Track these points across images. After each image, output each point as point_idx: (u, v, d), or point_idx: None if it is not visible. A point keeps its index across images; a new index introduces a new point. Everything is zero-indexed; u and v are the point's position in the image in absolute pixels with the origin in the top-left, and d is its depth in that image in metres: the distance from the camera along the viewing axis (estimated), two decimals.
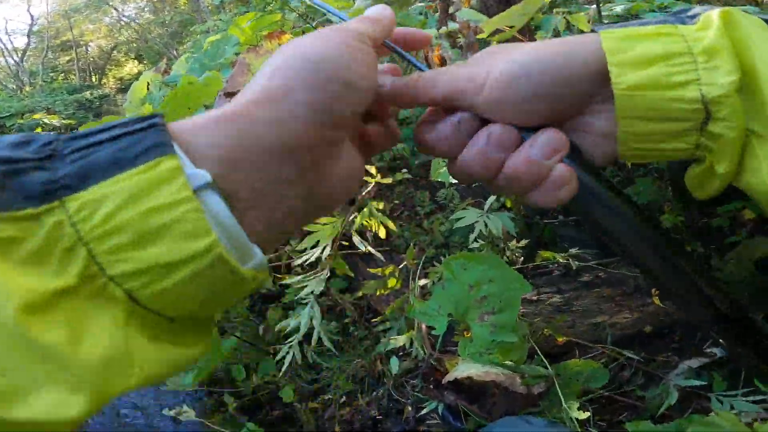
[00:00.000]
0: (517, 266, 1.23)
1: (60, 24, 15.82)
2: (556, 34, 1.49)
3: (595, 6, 1.05)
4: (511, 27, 0.76)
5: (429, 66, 0.84)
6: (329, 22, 1.56)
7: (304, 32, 1.61)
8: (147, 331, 0.17)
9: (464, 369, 0.90)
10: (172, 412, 1.19)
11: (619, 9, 1.54)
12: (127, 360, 0.16)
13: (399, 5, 0.71)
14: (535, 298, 1.19)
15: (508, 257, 1.25)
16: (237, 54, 1.60)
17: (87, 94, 6.40)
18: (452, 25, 0.89)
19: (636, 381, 0.97)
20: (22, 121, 5.30)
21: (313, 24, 1.62)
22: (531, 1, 0.69)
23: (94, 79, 14.80)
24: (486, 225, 1.07)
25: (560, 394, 0.85)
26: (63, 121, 4.83)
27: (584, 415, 0.82)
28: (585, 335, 1.09)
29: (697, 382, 0.83)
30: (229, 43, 1.89)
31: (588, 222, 0.28)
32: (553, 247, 1.21)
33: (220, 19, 4.61)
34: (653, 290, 1.14)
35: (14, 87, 13.31)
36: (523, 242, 1.22)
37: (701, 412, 0.80)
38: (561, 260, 1.18)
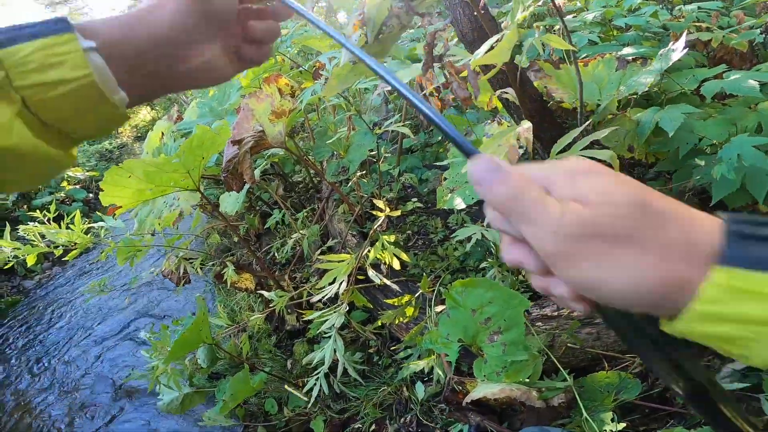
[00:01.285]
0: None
1: None
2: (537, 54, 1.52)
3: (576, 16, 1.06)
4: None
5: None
6: (319, 62, 1.63)
7: (300, 73, 1.67)
8: (28, 124, 0.28)
9: (480, 390, 0.92)
10: None
11: (590, 17, 1.57)
12: (9, 130, 0.27)
13: (381, 51, 0.74)
14: (555, 313, 1.18)
15: (523, 275, 1.25)
16: (243, 96, 1.66)
17: (106, 144, 6.65)
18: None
19: None
20: None
21: (305, 67, 1.68)
22: (510, 37, 0.72)
23: None
24: (483, 236, 1.09)
25: (581, 405, 0.85)
26: (87, 173, 5.04)
27: (619, 426, 0.81)
28: (613, 346, 1.08)
29: (743, 385, 0.82)
30: (233, 88, 1.98)
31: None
32: None
33: None
34: None
35: None
36: None
37: (753, 415, 0.78)
38: None
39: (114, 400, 2.00)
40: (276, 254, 1.81)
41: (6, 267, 1.25)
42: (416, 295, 1.17)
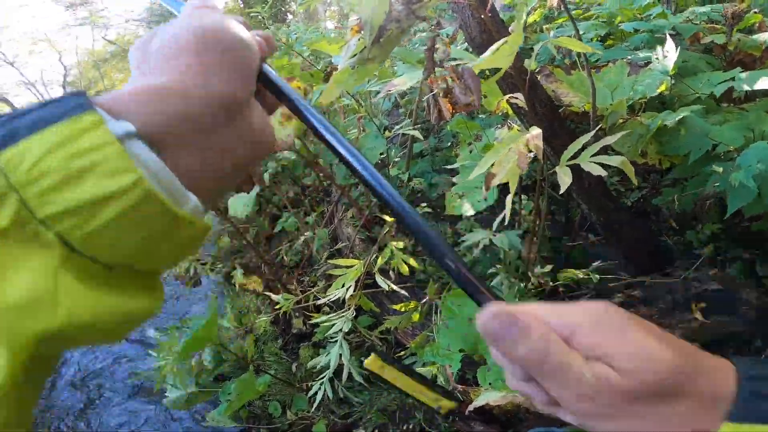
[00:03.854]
0: (547, 291, 1.21)
1: (91, 74, 16.87)
2: (552, 58, 1.50)
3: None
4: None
5: (440, 113, 0.86)
6: (331, 65, 1.63)
7: (312, 75, 1.68)
8: (82, 276, 0.17)
9: (484, 398, 0.91)
10: None
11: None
12: (51, 300, 0.16)
13: (381, 55, 0.74)
14: None
15: (533, 284, 1.23)
16: None
17: None
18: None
19: None
20: None
21: (319, 67, 1.68)
22: (514, 39, 0.71)
23: None
24: (491, 242, 1.08)
25: None
26: None
27: None
28: None
29: None
30: None
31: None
32: (585, 267, 1.18)
33: None
34: (693, 304, 1.10)
35: None
36: (548, 267, 1.21)
37: None
38: (581, 276, 1.15)
39: (126, 398, 2.03)
40: (284, 257, 1.81)
41: None
42: (423, 301, 1.16)
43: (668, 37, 1.11)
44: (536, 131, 0.74)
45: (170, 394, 1.40)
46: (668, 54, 1.07)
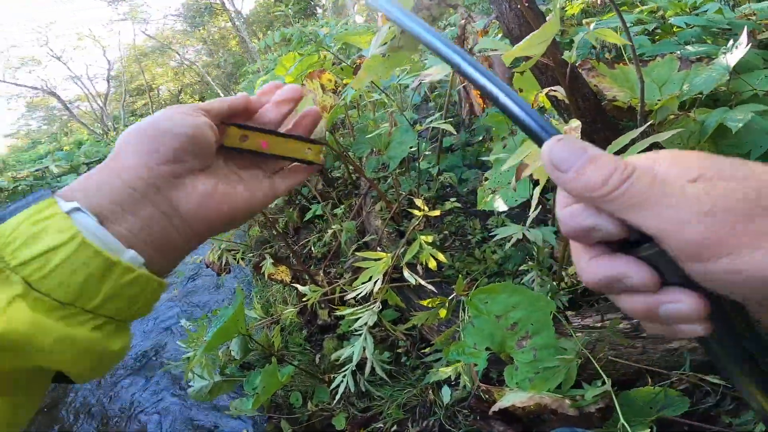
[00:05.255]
0: (579, 291, 1.17)
1: (134, 69, 17.55)
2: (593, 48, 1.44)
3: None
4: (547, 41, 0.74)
5: (471, 107, 0.84)
6: (362, 57, 1.62)
7: (342, 69, 1.68)
8: (35, 305, 0.24)
9: (509, 398, 0.88)
10: None
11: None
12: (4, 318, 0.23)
13: (411, 45, 0.72)
14: (599, 324, 1.13)
15: (566, 283, 1.19)
16: None
17: None
18: None
19: (724, 407, 0.89)
20: None
21: (348, 62, 1.68)
22: (549, 26, 0.67)
23: None
24: (524, 236, 1.04)
25: (619, 413, 0.79)
26: None
27: None
28: (659, 362, 1.01)
29: None
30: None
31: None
32: None
33: (268, 59, 4.98)
34: None
35: (100, 131, 14.76)
36: None
37: None
38: None
39: (156, 384, 2.10)
40: (312, 248, 1.83)
41: None
42: (450, 297, 1.14)
43: (745, 30, 1.03)
44: (575, 123, 0.71)
45: (194, 384, 1.42)
46: (739, 47, 0.99)
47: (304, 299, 1.33)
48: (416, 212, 1.16)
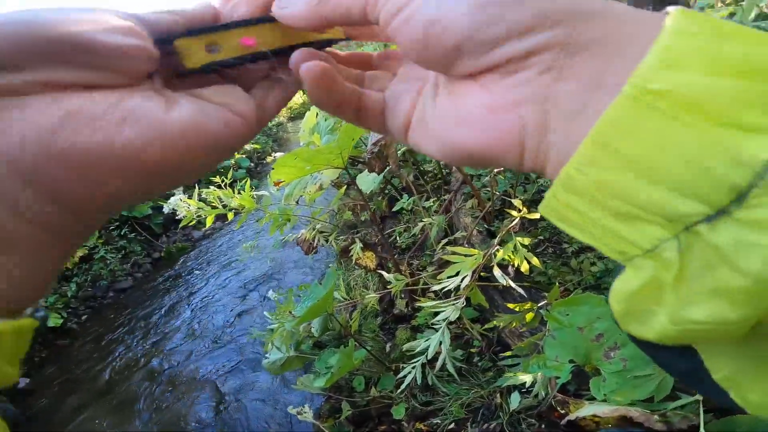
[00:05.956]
0: None
1: None
2: None
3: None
4: None
5: None
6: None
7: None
8: None
9: (590, 409, 0.83)
10: (294, 410, 1.25)
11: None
12: None
13: None
14: None
15: None
16: None
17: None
18: None
19: None
20: None
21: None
22: None
23: None
24: None
25: None
26: (252, 146, 5.77)
27: None
28: None
29: None
30: None
31: None
32: None
33: None
34: None
35: None
36: None
37: None
38: None
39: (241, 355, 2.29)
40: (398, 238, 1.86)
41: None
42: (541, 304, 1.10)
43: None
44: None
45: (271, 355, 1.48)
46: None
47: (387, 287, 1.36)
48: (513, 213, 1.13)
